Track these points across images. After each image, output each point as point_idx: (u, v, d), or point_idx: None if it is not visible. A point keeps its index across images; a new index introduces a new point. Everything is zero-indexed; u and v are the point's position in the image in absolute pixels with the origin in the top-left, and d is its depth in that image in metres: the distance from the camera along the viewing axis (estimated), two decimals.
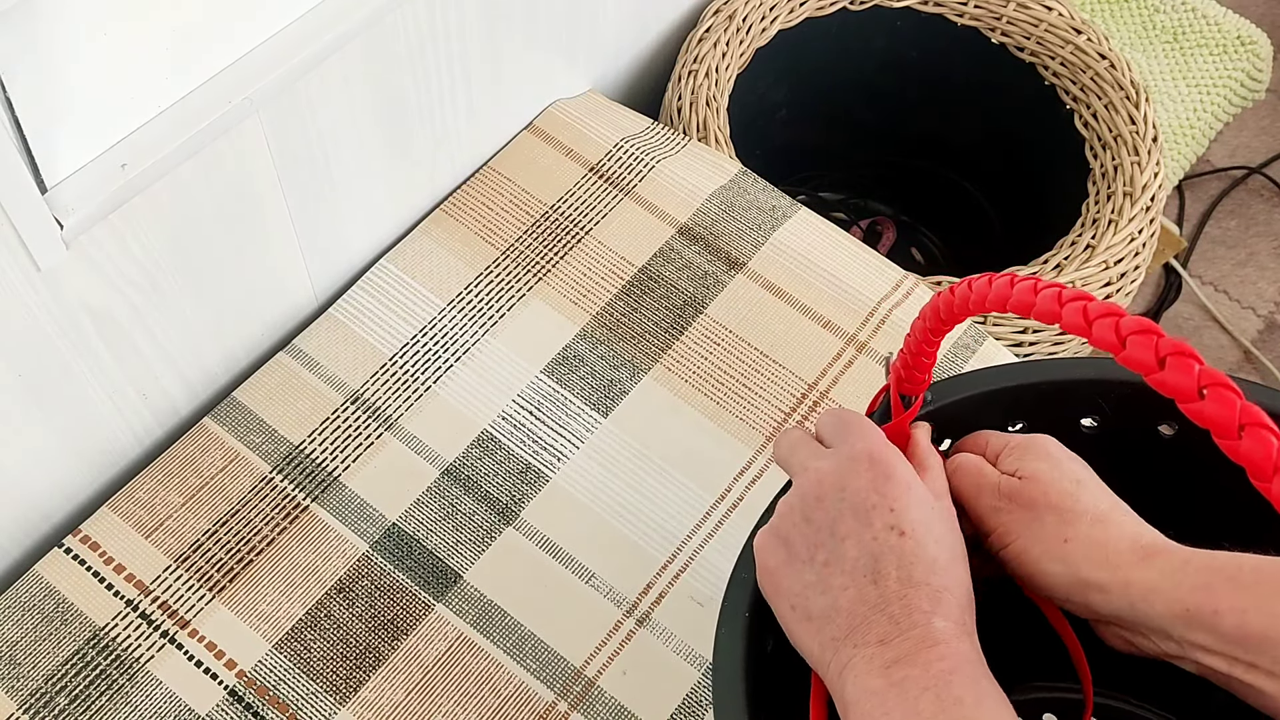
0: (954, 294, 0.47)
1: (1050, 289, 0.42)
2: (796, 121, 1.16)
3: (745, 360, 0.82)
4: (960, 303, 0.46)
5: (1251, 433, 0.35)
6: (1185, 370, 0.37)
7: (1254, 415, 0.36)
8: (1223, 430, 0.36)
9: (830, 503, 0.48)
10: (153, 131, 0.61)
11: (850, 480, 0.49)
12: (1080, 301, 0.40)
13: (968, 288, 0.46)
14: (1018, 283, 0.43)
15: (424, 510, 0.75)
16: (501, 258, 0.85)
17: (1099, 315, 0.40)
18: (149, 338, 0.72)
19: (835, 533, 0.48)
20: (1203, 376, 0.37)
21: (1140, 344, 0.38)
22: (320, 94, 0.71)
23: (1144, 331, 0.38)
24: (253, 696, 0.68)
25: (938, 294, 0.48)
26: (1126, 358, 0.38)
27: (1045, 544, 0.51)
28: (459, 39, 0.79)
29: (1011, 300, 0.43)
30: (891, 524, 0.47)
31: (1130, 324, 0.39)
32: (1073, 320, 0.40)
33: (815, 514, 0.49)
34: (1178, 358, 0.37)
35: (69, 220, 0.58)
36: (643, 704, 0.69)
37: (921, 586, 0.46)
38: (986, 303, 0.45)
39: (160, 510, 0.74)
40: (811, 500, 0.49)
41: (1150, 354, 0.38)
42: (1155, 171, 0.95)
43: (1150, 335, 0.38)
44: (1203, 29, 1.33)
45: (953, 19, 1.06)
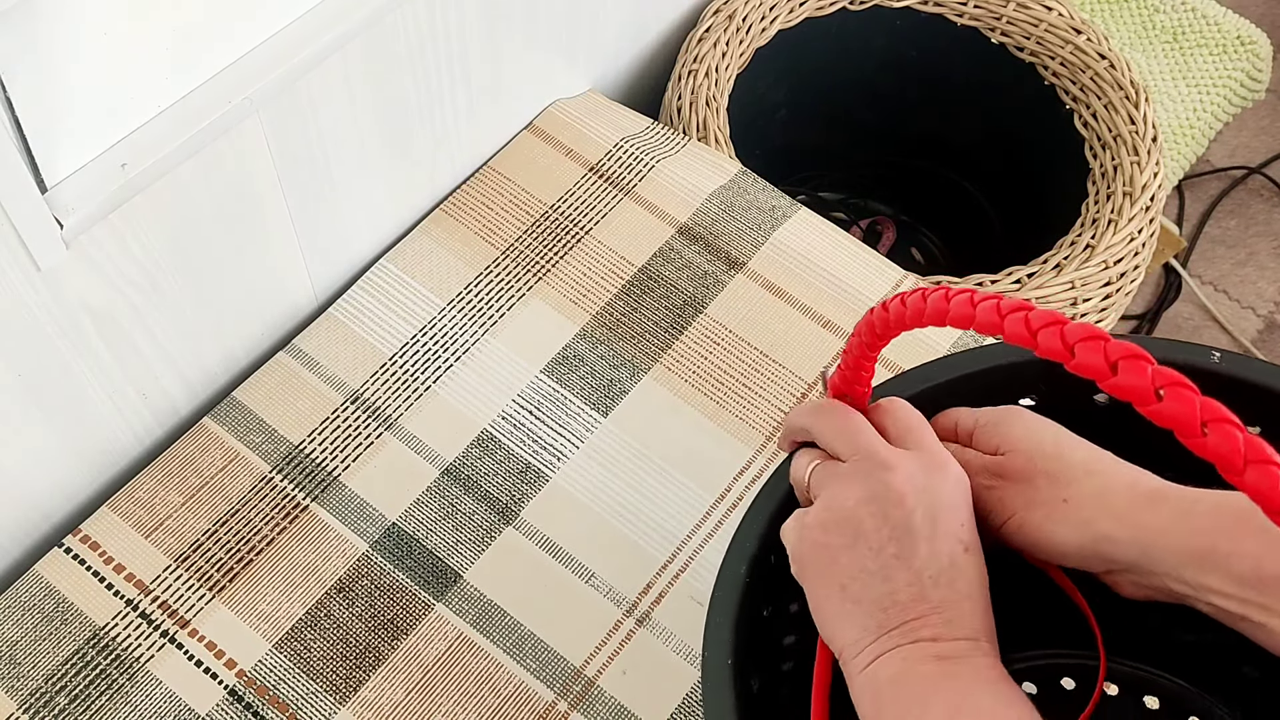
0: (888, 310, 0.46)
1: (988, 301, 0.41)
2: (796, 121, 1.16)
3: (745, 360, 0.82)
4: (895, 318, 0.46)
5: (1215, 429, 0.35)
6: (1139, 373, 0.36)
7: (1215, 411, 0.35)
8: (1186, 430, 0.36)
9: (914, 502, 0.49)
10: (153, 131, 0.61)
11: (936, 486, 0.49)
12: (1021, 312, 0.40)
13: (901, 303, 0.45)
14: (953, 296, 0.43)
15: (424, 510, 0.75)
16: (501, 257, 0.85)
17: (1043, 325, 0.39)
18: (149, 338, 0.72)
19: (913, 531, 0.48)
20: (1157, 377, 0.36)
21: (1089, 350, 0.37)
22: (320, 94, 0.71)
23: (1091, 338, 0.38)
24: (253, 696, 0.68)
25: (871, 310, 0.47)
26: (1078, 365, 0.38)
27: (1045, 509, 0.51)
28: (459, 39, 0.79)
29: (950, 314, 0.43)
30: (961, 539, 0.49)
31: (1076, 331, 0.38)
32: (1015, 331, 0.40)
33: (895, 511, 0.49)
34: (1129, 361, 0.37)
35: (69, 220, 0.58)
36: (643, 704, 0.69)
37: (974, 602, 0.48)
38: (924, 318, 0.44)
39: (160, 510, 0.74)
40: (896, 496, 0.49)
41: (1100, 359, 0.37)
42: (1155, 171, 0.95)
43: (1098, 341, 0.37)
44: (1203, 29, 1.33)
45: (953, 19, 1.06)
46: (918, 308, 0.44)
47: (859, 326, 0.49)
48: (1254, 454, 0.34)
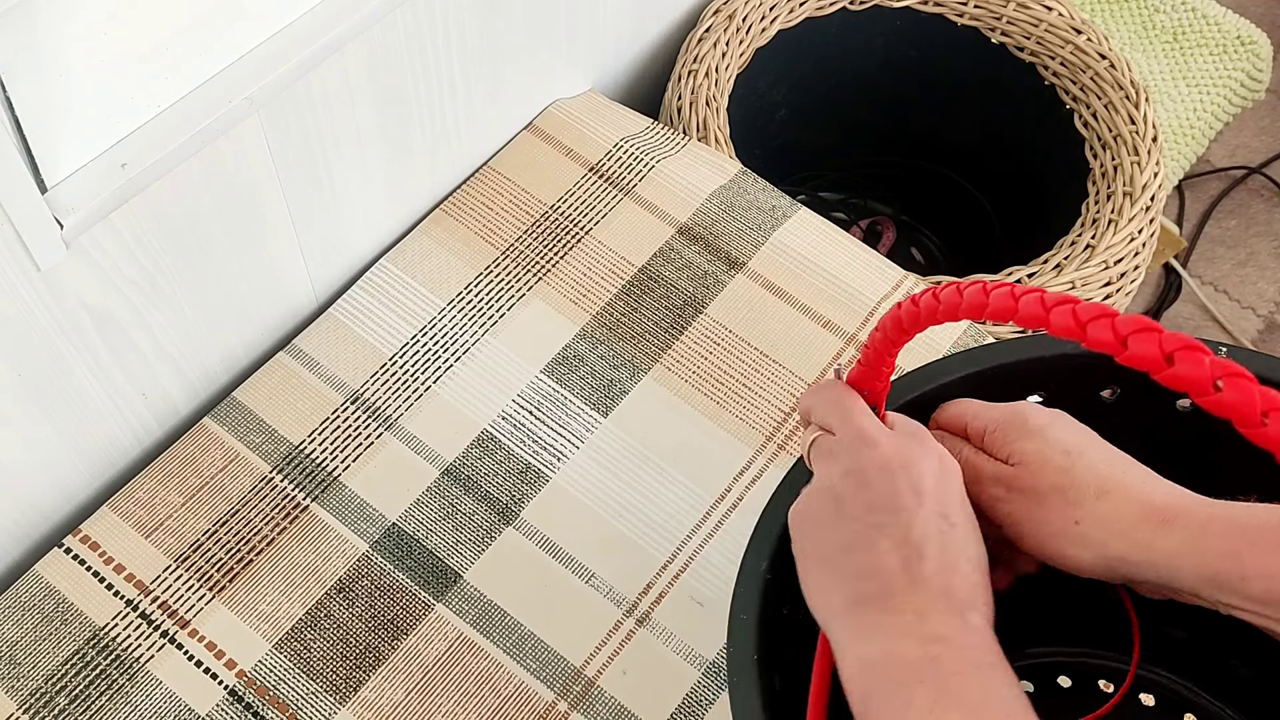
0: (918, 305, 0.45)
1: (1032, 294, 0.41)
2: (796, 121, 1.16)
3: (745, 360, 0.82)
4: (926, 312, 0.45)
5: (1276, 418, 0.35)
6: (1196, 364, 0.36)
7: (1275, 400, 0.35)
8: (1247, 419, 0.35)
9: (897, 475, 0.49)
10: (153, 131, 0.61)
11: (918, 463, 0.49)
12: (1068, 305, 0.39)
13: (933, 297, 0.44)
14: (993, 289, 0.42)
15: (424, 510, 0.75)
16: (501, 257, 0.85)
17: (1092, 317, 0.39)
18: (149, 338, 0.72)
19: (895, 502, 0.48)
20: (1215, 367, 0.36)
21: (1144, 341, 0.37)
22: (320, 94, 0.71)
23: (1146, 329, 0.37)
24: (253, 696, 0.68)
25: (898, 305, 0.47)
26: (1131, 357, 0.37)
27: (1058, 530, 0.51)
28: (459, 39, 0.79)
29: (990, 307, 0.42)
30: (944, 513, 0.48)
31: (1128, 323, 0.38)
32: (1062, 324, 0.39)
33: (878, 482, 0.49)
34: (1185, 352, 0.36)
35: (69, 220, 0.58)
36: (643, 704, 0.69)
37: (963, 576, 0.47)
38: (959, 311, 0.43)
39: (160, 510, 0.74)
40: (875, 469, 0.49)
41: (1155, 350, 0.37)
42: (1155, 171, 0.95)
43: (1153, 333, 0.37)
44: (1203, 29, 1.33)
45: (953, 19, 1.06)
46: (953, 301, 0.43)
47: (884, 321, 0.48)
48: None
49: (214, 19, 0.61)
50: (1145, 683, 0.62)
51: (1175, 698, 0.62)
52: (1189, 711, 0.62)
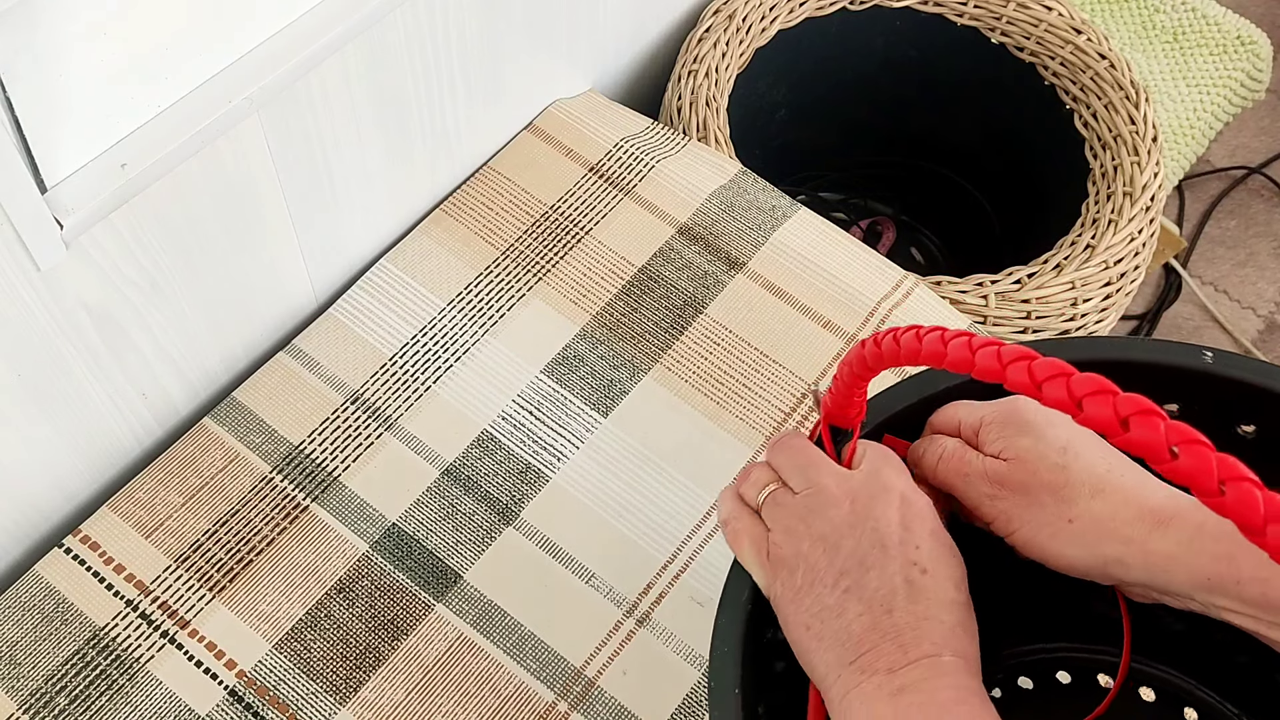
0: (879, 345, 0.45)
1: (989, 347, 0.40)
2: (796, 121, 1.16)
3: (745, 360, 0.82)
4: (888, 354, 0.45)
5: (1234, 488, 0.34)
6: (1151, 429, 0.36)
7: (1233, 469, 0.34)
8: (1204, 488, 0.35)
9: (861, 533, 0.49)
10: (153, 131, 0.61)
11: (882, 511, 0.49)
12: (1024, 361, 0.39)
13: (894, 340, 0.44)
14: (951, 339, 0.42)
15: (424, 510, 0.75)
16: (501, 258, 0.85)
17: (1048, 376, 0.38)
18: (149, 338, 0.72)
19: (863, 562, 0.48)
20: (1170, 433, 0.35)
21: (1099, 404, 0.37)
22: (320, 94, 0.71)
23: (1100, 392, 0.37)
24: (253, 696, 0.68)
25: (862, 342, 0.47)
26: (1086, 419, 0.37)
27: (1051, 528, 0.50)
28: (459, 39, 0.79)
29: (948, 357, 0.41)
30: (914, 560, 0.48)
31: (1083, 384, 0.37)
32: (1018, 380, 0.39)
33: (845, 542, 0.49)
34: (1141, 417, 0.36)
35: (69, 220, 0.58)
36: (643, 704, 0.69)
37: (935, 621, 0.47)
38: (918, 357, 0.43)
39: (160, 510, 0.74)
40: (844, 528, 0.49)
41: (1110, 413, 0.36)
42: (1155, 171, 0.95)
43: (1107, 395, 0.37)
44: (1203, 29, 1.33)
45: (953, 19, 1.06)
46: (911, 347, 0.43)
47: (848, 356, 0.48)
48: (1274, 512, 0.34)
49: (214, 19, 0.61)
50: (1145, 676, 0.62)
51: (1176, 691, 0.62)
52: (1189, 705, 0.62)
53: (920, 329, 0.44)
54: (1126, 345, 0.56)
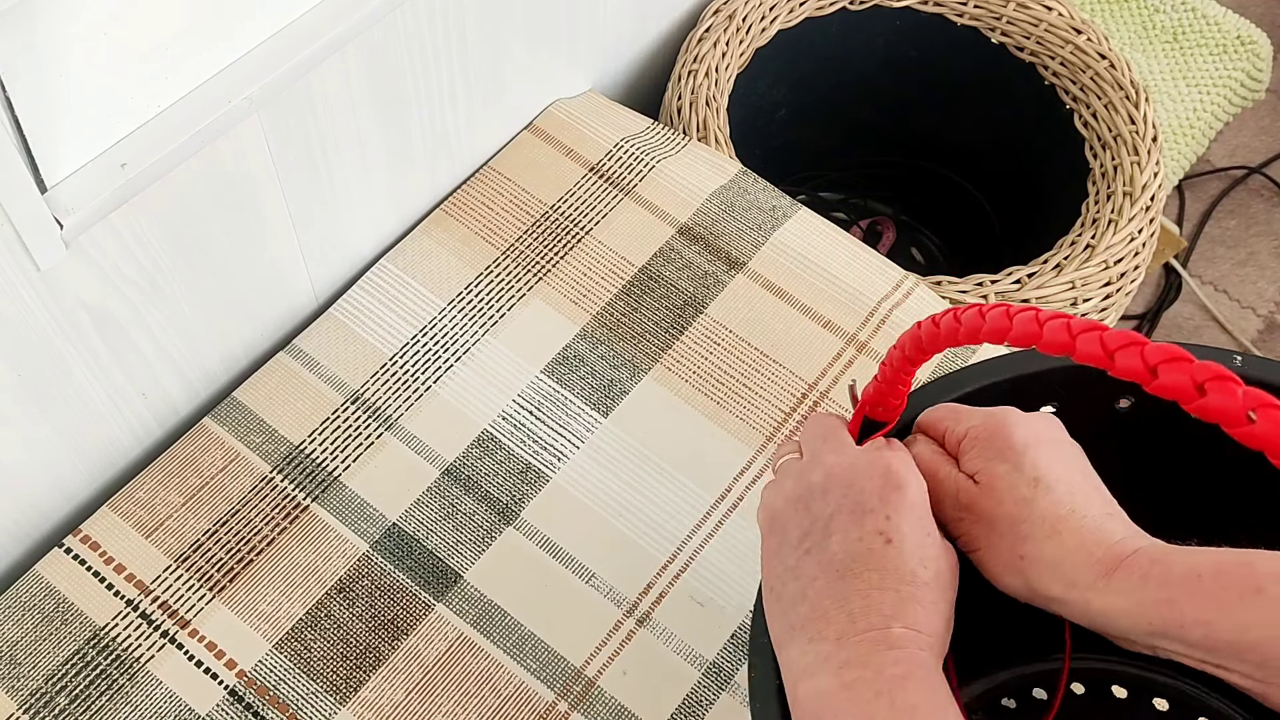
0: (938, 325, 0.45)
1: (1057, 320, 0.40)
2: (796, 121, 1.16)
3: (745, 360, 0.82)
4: (947, 333, 0.44)
5: None
6: (1229, 395, 0.35)
7: None
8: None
9: (834, 497, 0.49)
10: (153, 131, 0.61)
11: (860, 480, 0.49)
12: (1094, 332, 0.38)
13: (954, 319, 0.44)
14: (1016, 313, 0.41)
15: (424, 510, 0.75)
16: (501, 258, 0.85)
17: (1120, 346, 0.38)
18: (149, 338, 0.72)
19: (829, 526, 0.48)
20: (1248, 399, 0.35)
21: (1174, 371, 0.36)
22: (320, 94, 0.71)
23: (1176, 359, 0.36)
24: (253, 696, 0.68)
25: (918, 324, 0.46)
26: (1160, 387, 0.37)
27: (1003, 559, 0.49)
28: (459, 39, 0.79)
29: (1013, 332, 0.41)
30: (881, 529, 0.47)
31: (1157, 352, 0.37)
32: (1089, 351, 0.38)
33: (816, 504, 0.49)
34: (1218, 383, 0.36)
35: (69, 220, 0.58)
36: (643, 704, 0.69)
37: (889, 592, 0.46)
38: (980, 334, 0.42)
39: (160, 510, 0.74)
40: (818, 491, 0.49)
41: (1187, 380, 0.36)
42: (1155, 171, 0.95)
43: (1184, 362, 0.36)
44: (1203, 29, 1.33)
45: (953, 19, 1.06)
46: (974, 323, 0.43)
47: (902, 339, 0.48)
48: None
49: (214, 19, 0.61)
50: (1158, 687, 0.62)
51: (1189, 701, 0.62)
52: (1202, 715, 0.62)
53: (984, 306, 0.43)
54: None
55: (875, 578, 0.46)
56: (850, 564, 0.46)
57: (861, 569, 0.46)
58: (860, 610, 0.45)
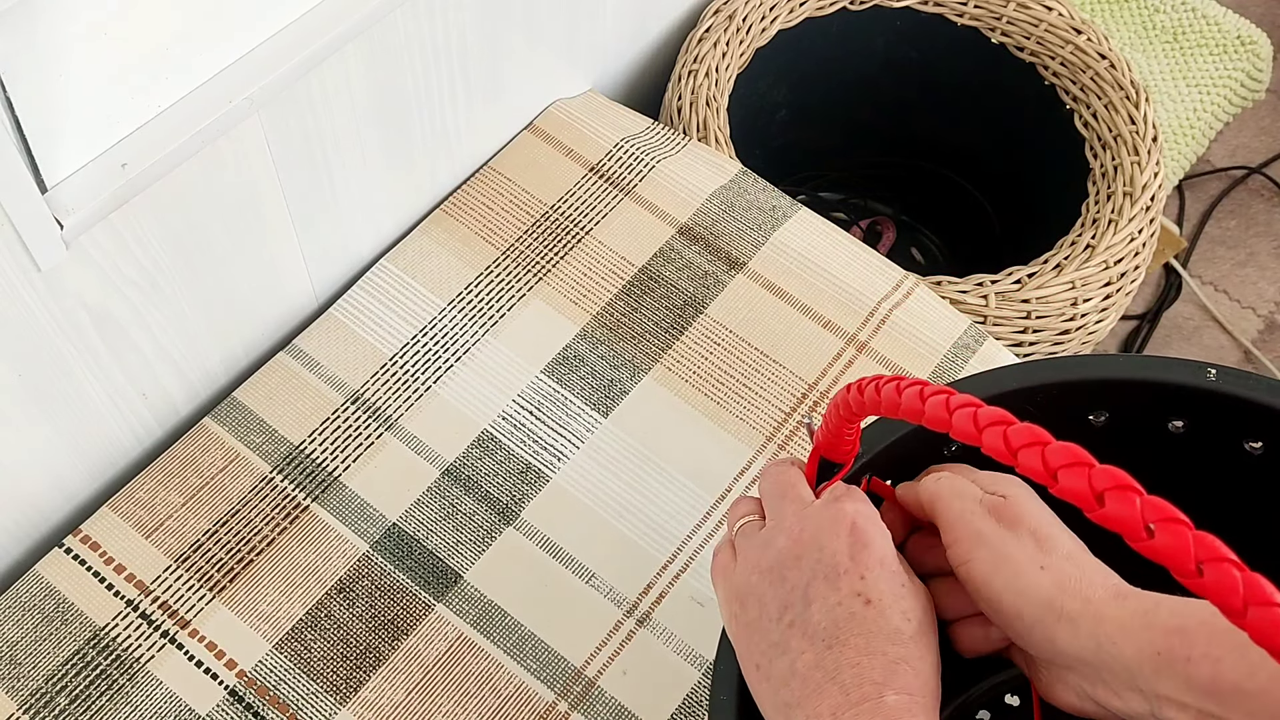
0: (863, 394, 0.45)
1: (966, 408, 0.39)
2: (796, 121, 1.16)
3: (745, 360, 0.82)
4: (870, 404, 0.44)
5: (1213, 569, 0.33)
6: (1127, 505, 0.34)
7: (1212, 549, 0.33)
8: (1181, 569, 0.34)
9: (806, 563, 0.48)
10: (153, 131, 0.61)
11: (828, 540, 0.48)
12: (999, 426, 0.37)
13: (875, 391, 0.44)
14: (930, 395, 0.41)
15: (424, 510, 0.75)
16: (501, 258, 0.85)
17: (1023, 444, 0.37)
18: (149, 338, 0.72)
19: (806, 595, 0.47)
20: (1147, 510, 0.34)
21: (1074, 476, 0.35)
22: (320, 94, 0.71)
23: (1075, 464, 0.35)
24: (253, 696, 0.68)
25: (848, 386, 0.46)
26: (1062, 490, 0.36)
27: (1021, 564, 0.48)
28: (459, 39, 0.79)
29: (926, 415, 0.40)
30: (859, 591, 0.46)
31: (1059, 454, 0.36)
32: (993, 444, 0.38)
33: (790, 573, 0.48)
34: (1118, 492, 0.34)
35: (69, 220, 0.58)
36: (643, 704, 0.69)
37: (877, 656, 0.45)
38: (898, 410, 0.42)
39: (160, 510, 0.74)
40: (789, 559, 0.48)
41: (1084, 487, 0.35)
42: (1155, 171, 0.95)
43: (1083, 467, 0.35)
44: (1203, 29, 1.33)
45: (953, 19, 1.06)
46: (891, 399, 0.42)
47: (837, 398, 0.48)
48: (1255, 595, 0.33)
49: (214, 19, 0.61)
50: None
51: None
52: None
53: (900, 381, 0.43)
54: (1132, 363, 0.55)
55: (861, 643, 0.45)
56: (835, 632, 0.46)
57: (847, 635, 0.45)
58: (852, 682, 0.44)
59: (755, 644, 0.48)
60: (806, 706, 0.45)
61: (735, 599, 0.50)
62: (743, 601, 0.49)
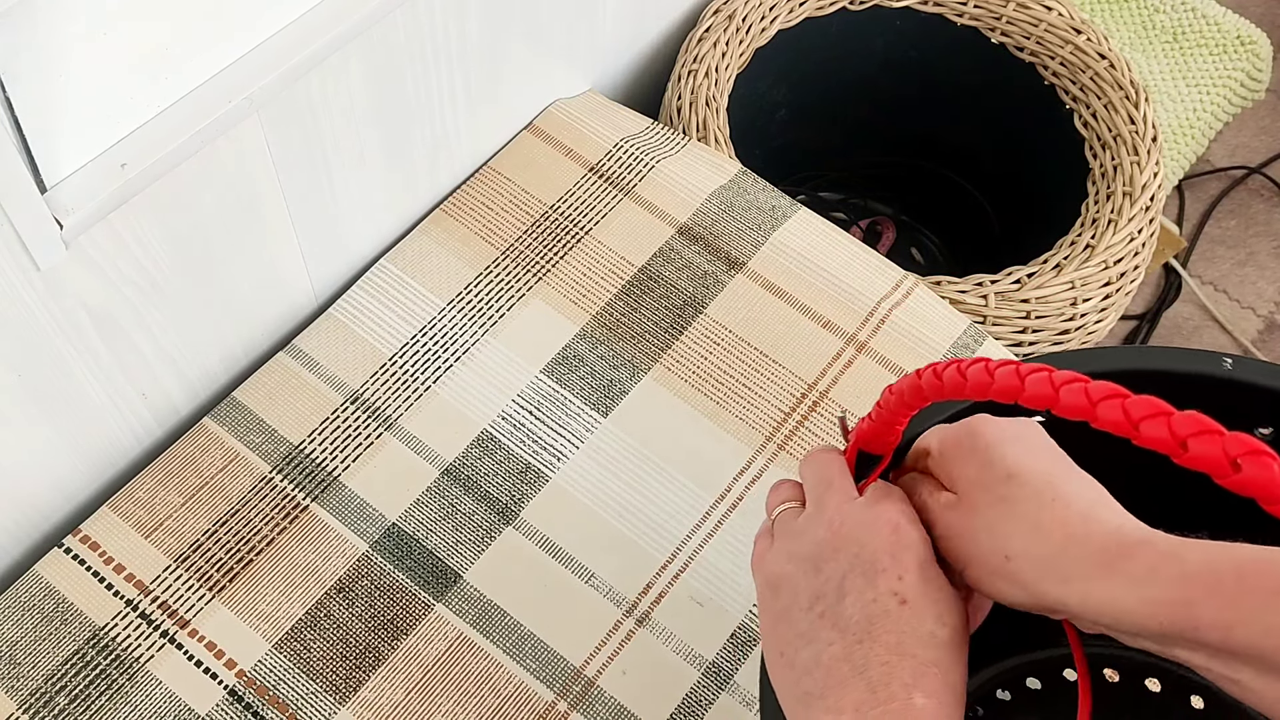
0: (940, 378, 0.43)
1: (1074, 383, 0.38)
2: (796, 121, 1.16)
3: (745, 360, 0.82)
4: (951, 387, 0.43)
5: None
6: (1264, 468, 0.35)
7: None
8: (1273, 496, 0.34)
9: (844, 556, 0.47)
10: (153, 131, 0.61)
11: (869, 538, 0.47)
12: (1116, 399, 0.37)
13: (959, 373, 0.42)
14: (1029, 374, 0.40)
15: (424, 510, 0.75)
16: (501, 257, 0.85)
17: (1145, 415, 0.37)
18: (149, 338, 0.72)
19: (842, 587, 0.46)
20: (1229, 445, 0.35)
21: (1207, 443, 0.36)
22: (320, 94, 0.71)
23: (1209, 432, 0.36)
24: (253, 696, 0.68)
25: (918, 373, 0.45)
26: (1192, 459, 0.36)
27: (990, 565, 0.46)
28: (459, 39, 0.79)
29: (1026, 393, 0.39)
30: (896, 590, 0.46)
31: (1184, 422, 0.36)
32: (1110, 417, 0.37)
33: (827, 565, 0.47)
34: (1252, 457, 0.35)
35: (69, 220, 0.58)
36: (643, 704, 0.69)
37: (908, 658, 0.44)
38: (989, 391, 0.41)
39: (160, 510, 0.74)
40: (828, 551, 0.47)
41: (1219, 451, 0.36)
42: (1155, 171, 0.95)
43: (1216, 435, 0.36)
44: (1203, 29, 1.33)
45: (953, 19, 1.06)
46: (981, 380, 0.41)
47: (900, 385, 0.47)
48: None
49: (214, 19, 0.61)
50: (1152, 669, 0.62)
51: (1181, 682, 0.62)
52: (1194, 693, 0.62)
53: (989, 362, 0.42)
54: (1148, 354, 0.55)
55: (894, 640, 0.44)
56: (867, 627, 0.45)
57: (879, 632, 0.45)
58: (880, 680, 0.43)
59: (782, 632, 0.47)
60: (829, 698, 0.44)
61: (768, 586, 0.49)
62: (775, 589, 0.49)
